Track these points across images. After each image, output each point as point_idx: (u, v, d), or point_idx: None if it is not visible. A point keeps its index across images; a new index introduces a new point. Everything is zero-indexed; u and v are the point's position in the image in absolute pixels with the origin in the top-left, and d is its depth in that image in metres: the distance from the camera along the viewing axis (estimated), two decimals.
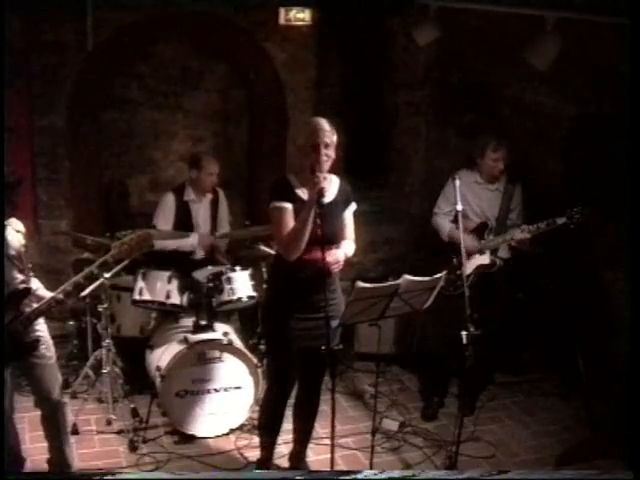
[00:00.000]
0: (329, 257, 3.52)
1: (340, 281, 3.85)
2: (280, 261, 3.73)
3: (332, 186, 3.72)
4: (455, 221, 4.57)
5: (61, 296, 3.54)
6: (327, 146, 3.55)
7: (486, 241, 4.64)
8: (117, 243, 3.71)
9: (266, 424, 4.03)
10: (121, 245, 3.67)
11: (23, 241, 3.61)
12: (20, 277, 3.56)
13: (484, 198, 4.70)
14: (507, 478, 3.64)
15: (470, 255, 4.55)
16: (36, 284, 3.74)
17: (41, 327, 3.70)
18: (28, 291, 3.57)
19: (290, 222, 3.58)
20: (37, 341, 3.61)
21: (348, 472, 3.52)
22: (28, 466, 3.95)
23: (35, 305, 3.56)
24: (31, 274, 3.72)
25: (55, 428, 3.85)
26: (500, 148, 4.57)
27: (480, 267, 4.63)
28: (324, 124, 3.59)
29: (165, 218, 4.96)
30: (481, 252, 4.63)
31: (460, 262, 4.42)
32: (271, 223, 3.74)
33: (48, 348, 3.72)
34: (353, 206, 3.81)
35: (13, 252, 3.54)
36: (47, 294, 3.63)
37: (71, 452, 3.95)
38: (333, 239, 3.64)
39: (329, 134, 3.57)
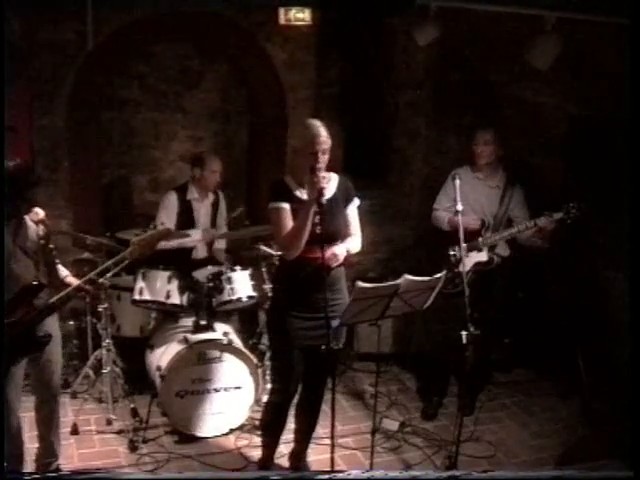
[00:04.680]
0: (326, 253, 3.54)
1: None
2: (282, 261, 3.79)
3: (331, 184, 3.73)
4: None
5: (87, 286, 3.60)
6: (324, 152, 3.59)
7: (492, 235, 4.61)
8: (136, 240, 3.72)
9: (269, 424, 4.02)
10: (140, 241, 3.68)
11: (42, 232, 3.55)
12: (34, 272, 3.50)
13: (483, 194, 4.70)
14: (507, 478, 3.64)
15: (471, 239, 4.50)
16: (64, 272, 3.75)
17: (50, 320, 3.67)
18: (42, 287, 3.51)
19: (288, 222, 3.62)
20: (49, 335, 3.58)
21: (334, 472, 3.48)
22: (27, 466, 3.94)
23: (62, 293, 3.56)
24: (57, 261, 3.71)
25: (50, 414, 3.86)
26: (488, 130, 4.63)
27: (478, 264, 4.62)
28: (321, 130, 3.60)
29: (168, 217, 4.93)
30: (479, 249, 4.62)
31: (458, 260, 4.43)
32: (270, 223, 3.77)
33: (57, 343, 3.73)
34: (356, 202, 3.83)
35: (29, 245, 3.49)
36: (74, 281, 3.65)
37: (58, 442, 3.95)
38: (333, 237, 3.65)
39: (325, 139, 3.59)
